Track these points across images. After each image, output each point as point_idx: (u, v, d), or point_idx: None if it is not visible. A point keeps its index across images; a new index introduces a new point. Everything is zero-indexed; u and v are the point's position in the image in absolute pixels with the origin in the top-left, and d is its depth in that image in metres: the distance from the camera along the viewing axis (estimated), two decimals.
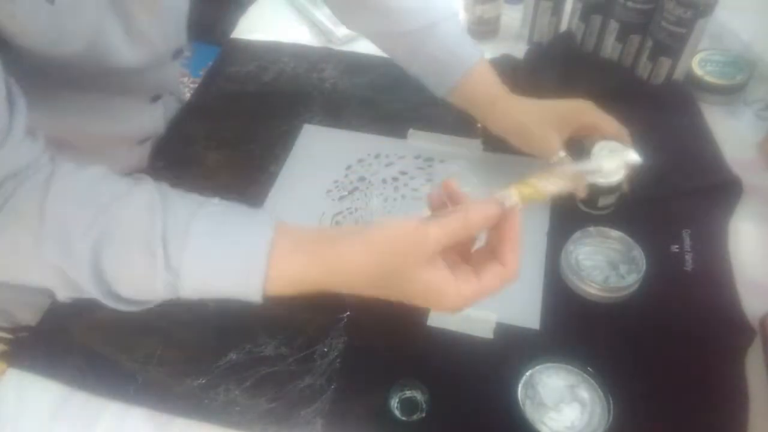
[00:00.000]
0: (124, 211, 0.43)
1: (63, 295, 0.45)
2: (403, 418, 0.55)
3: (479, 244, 0.45)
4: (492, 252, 0.43)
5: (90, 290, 0.43)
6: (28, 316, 0.65)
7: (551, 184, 0.43)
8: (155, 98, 0.67)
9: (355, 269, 0.43)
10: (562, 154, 0.64)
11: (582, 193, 0.63)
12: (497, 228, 0.42)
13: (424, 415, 0.55)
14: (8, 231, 0.43)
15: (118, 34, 0.55)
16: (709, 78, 0.81)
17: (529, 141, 0.66)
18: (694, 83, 0.83)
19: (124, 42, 0.55)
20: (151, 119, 0.73)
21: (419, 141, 0.80)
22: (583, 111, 0.66)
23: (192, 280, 0.43)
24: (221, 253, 0.43)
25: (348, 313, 0.63)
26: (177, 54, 0.64)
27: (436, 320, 0.62)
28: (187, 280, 0.43)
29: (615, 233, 0.65)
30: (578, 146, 0.68)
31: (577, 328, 0.61)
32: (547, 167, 0.45)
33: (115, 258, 0.42)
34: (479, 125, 0.72)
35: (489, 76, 0.69)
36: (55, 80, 0.55)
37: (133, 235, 0.42)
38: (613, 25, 0.84)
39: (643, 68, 0.84)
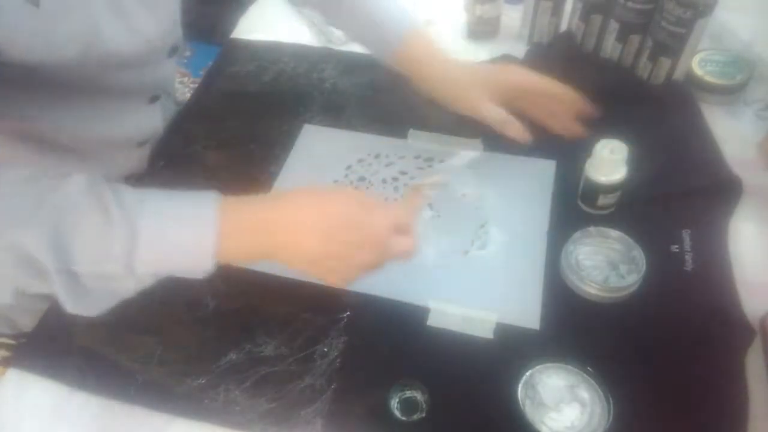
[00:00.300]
0: (71, 188, 0.44)
1: (19, 285, 0.43)
2: (403, 418, 0.55)
3: None
4: None
5: (46, 262, 0.41)
6: (29, 321, 0.65)
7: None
8: (153, 99, 0.67)
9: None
10: (492, 108, 0.67)
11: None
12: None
13: (424, 415, 0.55)
14: None
15: (113, 32, 0.54)
16: (709, 78, 0.81)
17: (460, 97, 0.69)
18: (694, 83, 0.82)
19: (119, 40, 0.55)
20: (150, 121, 0.73)
21: (419, 141, 0.80)
22: (511, 71, 0.70)
23: (148, 237, 0.44)
24: (174, 205, 0.46)
25: (348, 313, 0.63)
26: (173, 51, 0.64)
27: (436, 320, 0.62)
28: (142, 237, 0.43)
29: (615, 233, 0.65)
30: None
31: (577, 328, 0.61)
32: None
33: (71, 225, 0.43)
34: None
35: (426, 36, 0.71)
36: (53, 87, 0.54)
37: (86, 202, 0.43)
38: (613, 25, 0.84)
39: (643, 68, 0.84)
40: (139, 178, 0.76)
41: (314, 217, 0.48)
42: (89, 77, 0.55)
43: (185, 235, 0.45)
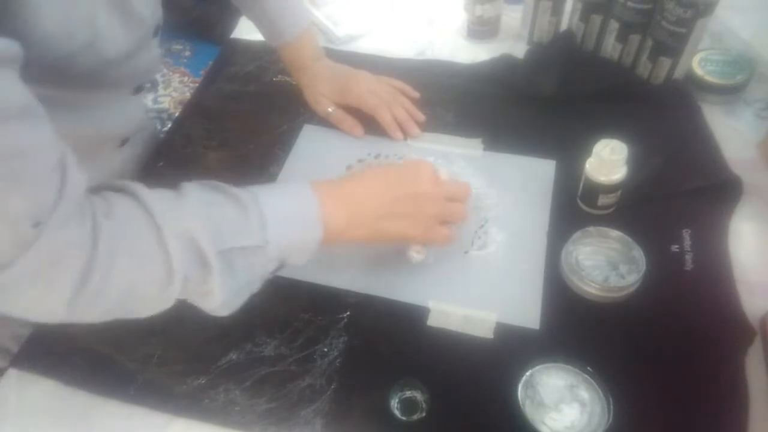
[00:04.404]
0: (193, 186, 0.51)
1: (174, 283, 0.46)
2: (403, 418, 0.55)
3: None
4: None
5: (207, 245, 0.47)
6: (27, 331, 0.65)
7: None
8: (138, 90, 0.66)
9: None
10: (330, 110, 0.82)
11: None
12: None
13: (424, 415, 0.55)
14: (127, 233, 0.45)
15: (113, 16, 0.53)
16: (709, 78, 0.81)
17: (309, 97, 0.85)
18: (694, 83, 0.82)
19: (118, 25, 0.54)
20: (135, 112, 0.71)
21: (419, 141, 0.80)
22: (350, 88, 0.82)
23: (271, 212, 0.51)
24: (278, 189, 0.56)
25: (348, 313, 0.63)
26: (157, 31, 0.64)
27: (436, 320, 0.62)
28: (267, 213, 0.51)
29: (615, 233, 0.65)
30: None
31: (577, 328, 0.61)
32: None
33: (213, 213, 0.49)
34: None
35: (312, 40, 0.84)
36: (49, 82, 0.53)
37: (213, 194, 0.51)
38: (613, 25, 0.84)
39: (643, 68, 0.84)
40: (140, 178, 0.76)
41: (379, 179, 0.60)
42: (87, 70, 0.54)
43: (294, 206, 0.54)
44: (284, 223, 0.52)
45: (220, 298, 0.49)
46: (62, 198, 0.41)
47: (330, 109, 0.83)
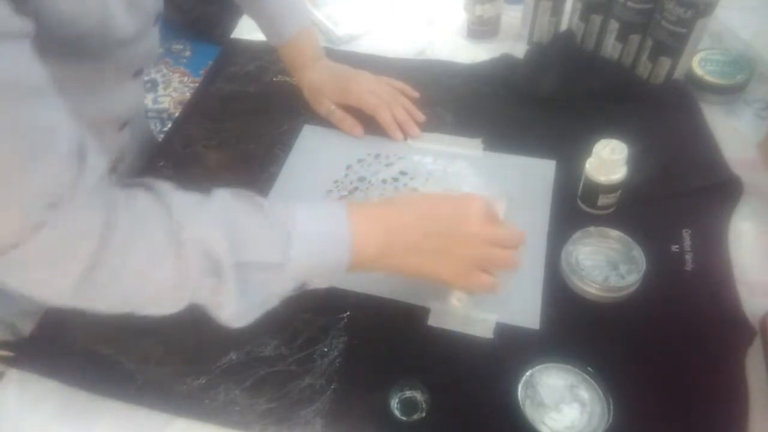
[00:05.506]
0: (224, 194, 0.50)
1: (185, 288, 0.46)
2: (403, 418, 0.55)
3: None
4: None
5: (223, 254, 0.45)
6: (30, 327, 0.65)
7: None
8: (137, 74, 0.67)
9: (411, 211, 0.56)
10: (330, 109, 0.82)
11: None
12: None
13: (424, 415, 0.55)
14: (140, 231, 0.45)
15: (120, 1, 0.54)
16: (709, 78, 0.81)
17: (310, 97, 0.85)
18: (694, 83, 0.82)
19: (125, 10, 0.54)
20: (135, 95, 0.72)
21: (419, 141, 0.80)
22: (350, 88, 0.82)
23: (297, 229, 0.49)
24: (309, 206, 0.53)
25: (348, 313, 0.63)
26: (157, 18, 0.64)
27: (436, 320, 0.62)
28: (293, 230, 0.49)
29: (615, 233, 0.65)
30: None
31: (577, 328, 0.61)
32: None
33: (236, 222, 0.48)
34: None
35: (312, 39, 0.84)
36: (60, 61, 0.54)
37: (241, 203, 0.50)
38: (613, 25, 0.84)
39: (643, 68, 0.84)
40: (139, 174, 0.76)
41: (420, 211, 0.56)
42: (93, 53, 0.55)
43: (324, 226, 0.52)
44: (310, 243, 0.50)
45: (232, 310, 0.48)
46: (79, 182, 0.41)
47: (330, 109, 0.83)
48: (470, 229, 0.55)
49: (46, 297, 0.44)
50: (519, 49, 0.92)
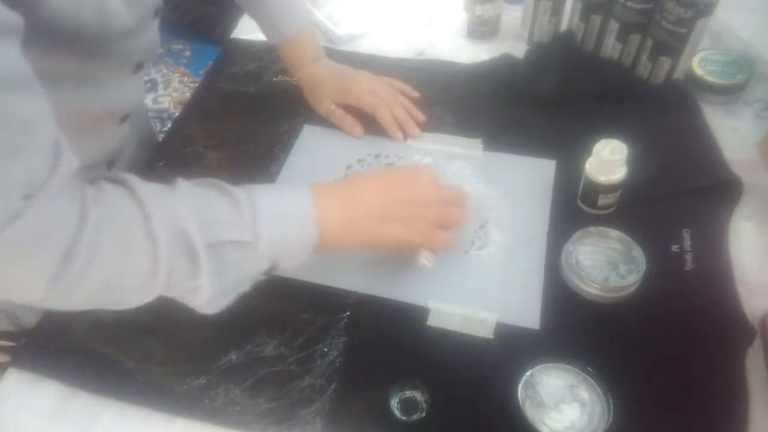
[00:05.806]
0: (184, 182, 0.51)
1: (159, 274, 0.46)
2: (403, 418, 0.55)
3: None
4: None
5: (195, 234, 0.46)
6: (33, 319, 0.65)
7: None
8: (138, 67, 0.67)
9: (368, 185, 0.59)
10: (330, 109, 0.83)
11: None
12: None
13: (424, 415, 0.55)
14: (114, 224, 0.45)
15: None
16: (709, 78, 0.81)
17: (310, 96, 0.85)
18: (694, 83, 0.82)
19: (122, 3, 0.55)
20: (135, 89, 0.72)
21: (419, 141, 0.80)
22: (350, 88, 0.82)
23: (263, 208, 0.51)
24: (272, 186, 0.57)
25: (348, 313, 0.63)
26: (157, 12, 0.64)
27: (436, 320, 0.62)
28: (260, 208, 0.51)
29: (615, 233, 0.65)
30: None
31: (577, 328, 0.61)
32: None
33: (204, 206, 0.49)
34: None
35: (311, 38, 0.84)
36: (59, 54, 0.54)
37: (204, 189, 0.51)
38: (613, 25, 0.84)
39: (643, 68, 0.84)
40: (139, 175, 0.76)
41: (378, 185, 0.59)
42: (92, 47, 0.55)
43: (290, 204, 0.53)
44: (277, 221, 0.51)
45: (207, 293, 0.48)
46: (55, 174, 0.41)
47: (330, 109, 0.83)
48: (427, 193, 0.60)
49: (20, 293, 0.44)
50: (519, 49, 0.92)
